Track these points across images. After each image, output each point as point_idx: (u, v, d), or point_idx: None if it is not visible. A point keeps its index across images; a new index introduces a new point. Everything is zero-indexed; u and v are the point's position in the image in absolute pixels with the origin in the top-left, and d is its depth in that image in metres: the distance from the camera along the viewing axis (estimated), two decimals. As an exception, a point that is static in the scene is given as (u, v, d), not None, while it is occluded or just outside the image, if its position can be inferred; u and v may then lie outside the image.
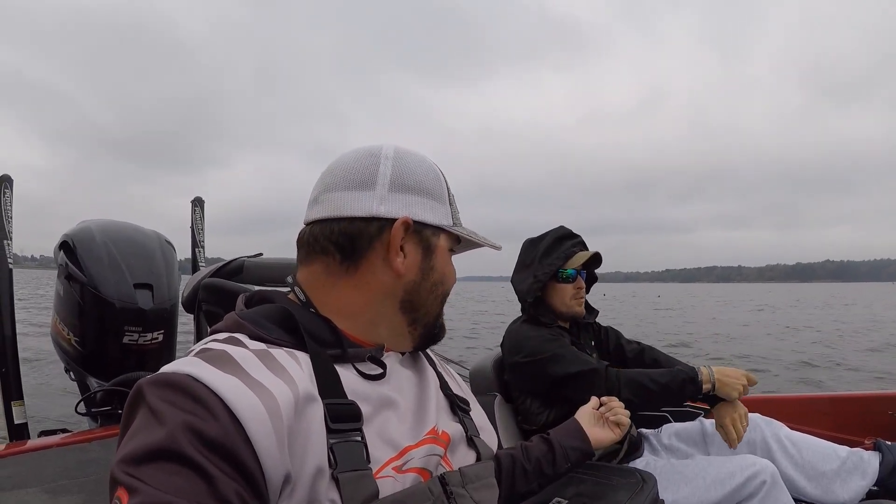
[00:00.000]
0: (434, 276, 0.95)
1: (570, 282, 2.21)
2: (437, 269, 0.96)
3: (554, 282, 2.21)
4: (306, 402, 0.75)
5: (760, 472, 1.78)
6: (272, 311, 0.88)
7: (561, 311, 2.23)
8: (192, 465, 0.63)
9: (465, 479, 0.89)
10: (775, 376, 9.04)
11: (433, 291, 0.96)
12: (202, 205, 3.49)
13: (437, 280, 0.96)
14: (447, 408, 1.02)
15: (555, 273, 2.20)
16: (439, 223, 0.95)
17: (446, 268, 0.98)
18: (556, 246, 2.23)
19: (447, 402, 1.03)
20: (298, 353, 0.82)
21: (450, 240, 0.98)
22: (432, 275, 0.95)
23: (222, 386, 0.68)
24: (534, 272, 2.23)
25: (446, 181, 1.00)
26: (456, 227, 0.98)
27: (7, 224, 2.71)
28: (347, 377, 0.83)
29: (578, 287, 2.23)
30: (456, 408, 1.03)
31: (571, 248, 2.23)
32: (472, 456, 0.99)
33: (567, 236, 2.26)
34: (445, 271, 0.97)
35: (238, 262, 1.61)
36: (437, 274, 0.96)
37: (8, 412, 2.52)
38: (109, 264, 2.44)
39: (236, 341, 0.79)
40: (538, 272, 2.21)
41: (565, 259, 2.20)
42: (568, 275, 2.21)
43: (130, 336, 2.42)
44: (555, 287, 2.22)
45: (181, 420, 0.65)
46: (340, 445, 0.74)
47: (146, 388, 0.70)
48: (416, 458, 0.83)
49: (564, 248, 2.22)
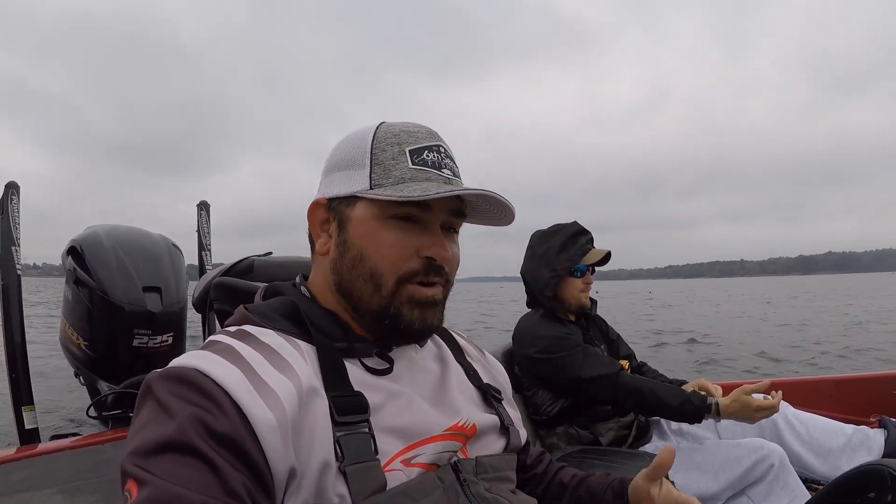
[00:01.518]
0: (351, 252, 0.86)
1: (581, 276, 2.28)
2: (354, 244, 0.85)
3: (567, 276, 2.26)
4: (310, 396, 0.75)
5: (769, 456, 1.81)
6: (281, 303, 0.89)
7: (570, 303, 2.29)
8: (201, 457, 0.63)
9: (480, 469, 0.87)
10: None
11: (354, 269, 0.85)
12: (208, 209, 3.50)
13: (355, 255, 0.85)
14: (480, 399, 1.00)
15: (571, 268, 2.26)
16: (350, 191, 0.86)
17: (366, 240, 0.85)
18: (572, 242, 2.29)
19: (479, 393, 1.00)
20: (305, 345, 0.82)
21: (376, 206, 0.84)
22: (349, 251, 0.86)
23: (230, 381, 0.69)
24: (552, 266, 2.27)
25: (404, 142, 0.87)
26: (373, 191, 0.84)
27: (15, 230, 2.72)
28: (354, 371, 0.82)
29: (587, 282, 2.31)
30: (490, 397, 1.00)
31: (586, 245, 2.30)
32: (501, 444, 0.96)
33: (581, 232, 2.32)
34: (365, 245, 0.85)
35: (248, 262, 1.61)
36: (354, 249, 0.85)
37: (19, 417, 2.52)
38: (118, 268, 2.45)
39: (244, 335, 0.79)
40: (557, 266, 2.26)
41: (581, 255, 2.27)
42: (581, 270, 2.27)
43: (140, 339, 2.43)
44: (567, 280, 2.27)
45: (190, 413, 0.66)
46: (347, 438, 0.74)
47: (155, 382, 0.71)
48: (426, 454, 0.81)
49: (580, 245, 2.29)
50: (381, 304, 0.85)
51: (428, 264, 0.85)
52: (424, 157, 0.86)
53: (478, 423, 0.91)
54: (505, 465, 0.94)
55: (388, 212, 0.84)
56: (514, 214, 0.91)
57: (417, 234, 0.85)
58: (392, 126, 0.89)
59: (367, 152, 0.87)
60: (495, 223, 0.95)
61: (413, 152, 0.86)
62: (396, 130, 0.88)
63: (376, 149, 0.86)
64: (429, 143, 0.88)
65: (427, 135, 0.89)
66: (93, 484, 1.65)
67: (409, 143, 0.86)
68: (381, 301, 0.85)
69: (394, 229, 0.84)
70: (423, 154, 0.86)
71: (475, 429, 0.90)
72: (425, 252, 0.85)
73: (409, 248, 0.85)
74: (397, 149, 0.86)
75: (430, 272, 0.85)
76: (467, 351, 1.09)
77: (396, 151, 0.86)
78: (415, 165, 0.85)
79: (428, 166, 0.86)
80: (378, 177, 0.85)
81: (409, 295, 0.85)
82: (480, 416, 0.93)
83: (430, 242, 0.85)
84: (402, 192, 0.81)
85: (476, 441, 0.91)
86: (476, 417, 0.92)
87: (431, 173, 0.85)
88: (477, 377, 1.03)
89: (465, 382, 1.00)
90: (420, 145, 0.87)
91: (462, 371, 1.01)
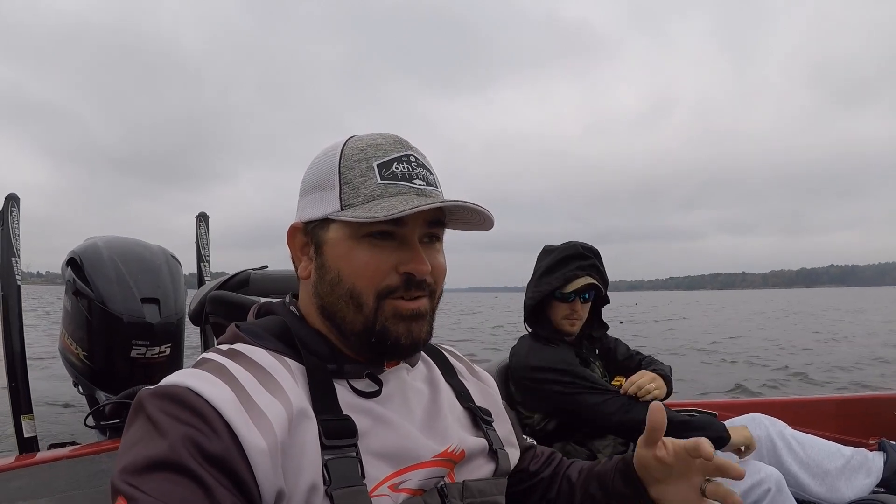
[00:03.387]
0: (329, 275, 0.84)
1: (567, 302, 2.20)
2: (331, 267, 0.84)
3: (552, 298, 2.21)
4: (299, 419, 0.75)
5: (766, 480, 1.79)
6: (272, 323, 0.88)
7: (556, 327, 2.23)
8: (193, 476, 0.63)
9: (466, 493, 0.86)
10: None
11: (334, 291, 0.84)
12: (207, 220, 3.52)
13: (333, 278, 0.84)
14: (469, 421, 0.98)
15: (552, 292, 2.20)
16: (322, 214, 0.85)
17: (342, 262, 0.83)
18: (561, 265, 2.22)
19: (468, 416, 0.99)
20: (295, 365, 0.82)
21: (348, 227, 0.83)
22: (327, 273, 0.85)
23: (222, 402, 0.69)
24: (534, 286, 2.25)
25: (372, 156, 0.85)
26: (344, 212, 0.82)
27: (14, 241, 2.74)
28: (343, 394, 0.82)
29: (574, 309, 2.21)
30: (479, 420, 0.99)
31: (574, 272, 2.20)
32: (490, 468, 0.95)
33: (576, 256, 2.23)
34: (341, 266, 0.83)
35: (244, 275, 1.64)
36: (332, 272, 0.84)
37: (18, 426, 2.54)
38: (117, 280, 2.47)
39: (236, 354, 0.79)
40: (536, 289, 2.23)
41: (564, 282, 2.18)
42: (564, 296, 2.19)
43: (138, 350, 2.45)
44: (552, 304, 2.22)
45: (182, 433, 0.66)
46: (335, 462, 0.74)
47: (147, 399, 0.71)
48: (414, 480, 0.80)
49: (568, 270, 2.20)
50: (366, 323, 0.83)
51: (407, 280, 0.83)
52: (393, 171, 0.84)
53: (466, 448, 0.90)
54: (493, 489, 0.92)
55: (360, 231, 0.82)
56: (492, 220, 0.88)
57: (394, 249, 0.83)
58: (359, 140, 0.87)
59: (335, 171, 0.85)
60: (476, 229, 0.93)
61: (381, 166, 0.84)
62: (363, 145, 0.86)
63: (344, 167, 0.85)
64: (397, 154, 0.85)
65: (396, 145, 0.87)
66: (89, 494, 1.66)
67: (377, 157, 0.84)
68: (364, 320, 0.83)
69: (368, 248, 0.82)
70: (391, 167, 0.84)
71: (464, 454, 0.89)
72: (403, 268, 0.83)
73: (386, 264, 0.83)
74: (365, 164, 0.84)
75: (410, 287, 0.83)
76: (458, 370, 1.07)
77: (364, 168, 0.84)
78: (384, 180, 0.83)
79: (398, 179, 0.83)
80: (348, 196, 0.83)
81: (392, 310, 0.83)
82: (469, 440, 0.92)
83: (408, 258, 0.83)
84: (370, 212, 0.79)
85: (464, 465, 0.90)
86: (465, 442, 0.91)
87: (402, 186, 0.83)
88: (467, 397, 1.01)
89: (455, 404, 0.98)
90: (388, 158, 0.85)
91: (452, 392, 1.00)
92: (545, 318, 2.26)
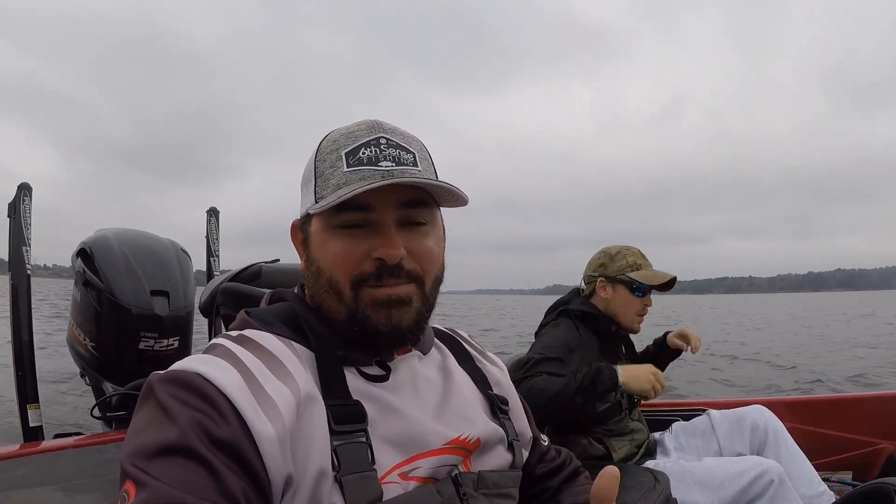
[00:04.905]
0: (313, 266, 0.87)
1: (640, 296, 2.25)
2: (314, 258, 0.87)
3: (627, 291, 2.24)
4: (308, 404, 0.75)
5: (768, 472, 1.81)
6: (282, 309, 0.89)
7: (623, 322, 2.27)
8: (201, 461, 0.64)
9: (481, 483, 0.86)
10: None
11: (318, 282, 0.86)
12: (217, 215, 3.53)
13: (315, 270, 0.87)
14: (487, 408, 0.98)
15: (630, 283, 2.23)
16: (304, 210, 0.88)
17: (320, 253, 0.85)
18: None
19: (487, 402, 0.99)
20: (304, 351, 0.82)
21: (322, 219, 0.85)
22: (311, 266, 0.88)
23: (231, 387, 0.70)
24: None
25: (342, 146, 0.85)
26: (317, 204, 0.82)
27: (26, 231, 2.75)
28: (352, 379, 0.82)
29: (646, 304, 2.27)
30: (496, 408, 0.98)
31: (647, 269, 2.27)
32: (508, 459, 0.94)
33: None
34: (319, 257, 0.86)
35: (256, 268, 1.63)
36: (314, 263, 0.87)
37: (23, 415, 2.55)
38: (126, 271, 2.47)
39: (245, 339, 0.80)
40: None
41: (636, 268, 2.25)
42: (639, 288, 2.23)
43: (146, 342, 2.46)
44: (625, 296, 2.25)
45: (191, 418, 0.66)
46: (344, 447, 0.74)
47: (157, 384, 0.71)
48: (424, 467, 0.80)
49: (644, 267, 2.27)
50: (348, 312, 0.84)
51: (380, 266, 0.82)
52: (360, 156, 0.83)
53: (482, 436, 0.89)
54: (508, 481, 0.92)
55: (332, 222, 0.83)
56: (462, 196, 0.86)
57: (367, 237, 0.83)
58: (335, 132, 0.89)
59: (311, 166, 0.88)
60: (452, 205, 0.91)
61: (349, 154, 0.84)
62: (337, 135, 0.87)
63: (318, 161, 0.87)
64: (366, 139, 0.85)
65: (366, 130, 0.86)
66: (94, 483, 1.66)
67: (346, 146, 0.85)
68: (346, 309, 0.84)
69: (340, 237, 0.83)
70: (358, 153, 0.84)
71: (479, 442, 0.88)
72: (375, 253, 0.82)
73: (358, 252, 0.83)
74: (335, 155, 0.85)
75: (381, 274, 0.83)
76: (475, 356, 1.06)
77: (334, 158, 0.85)
78: (349, 167, 0.83)
79: (364, 164, 0.83)
80: (321, 189, 0.84)
81: (368, 298, 0.83)
82: (486, 427, 0.91)
83: (379, 243, 0.82)
84: (327, 201, 0.80)
85: (480, 453, 0.89)
86: (481, 428, 0.90)
87: (366, 171, 0.82)
88: (485, 384, 1.01)
89: (473, 388, 0.98)
90: (356, 144, 0.84)
91: (468, 378, 0.99)
92: (589, 301, 2.30)
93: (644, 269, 2.27)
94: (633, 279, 2.24)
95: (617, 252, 2.31)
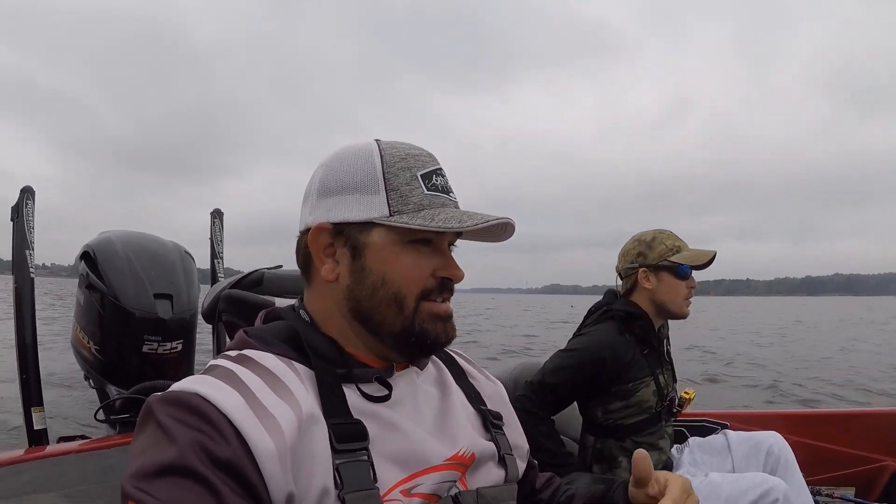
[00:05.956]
0: (371, 278, 0.86)
1: (686, 278, 2.10)
2: (373, 270, 0.86)
3: (672, 276, 2.09)
4: (310, 423, 0.75)
5: (772, 490, 1.78)
6: (281, 328, 0.89)
7: (672, 309, 2.12)
8: (202, 480, 0.64)
9: (481, 500, 0.87)
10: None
11: (376, 295, 0.85)
12: (221, 217, 3.54)
13: (375, 282, 0.85)
14: (479, 423, 0.99)
15: (674, 267, 2.08)
16: (367, 217, 0.85)
17: (387, 265, 0.85)
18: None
19: (479, 418, 1.00)
20: (304, 370, 0.82)
21: (395, 232, 0.85)
22: (368, 276, 0.86)
23: (231, 407, 0.70)
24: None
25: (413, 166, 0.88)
26: (394, 218, 0.84)
27: (29, 234, 2.75)
28: (352, 398, 0.82)
29: (691, 286, 2.12)
30: (489, 424, 0.99)
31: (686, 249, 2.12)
32: (501, 475, 0.95)
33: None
34: (386, 270, 0.85)
35: (258, 274, 1.63)
36: (374, 275, 0.85)
37: (28, 418, 2.55)
38: (130, 274, 2.48)
39: (244, 359, 0.80)
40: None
41: (676, 251, 2.10)
42: (685, 271, 2.08)
43: (150, 345, 2.46)
44: (670, 282, 2.10)
45: (191, 438, 0.67)
46: (346, 466, 0.74)
47: (156, 406, 0.71)
48: (426, 484, 0.81)
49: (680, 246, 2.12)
50: (405, 324, 0.86)
51: (443, 283, 0.89)
52: (435, 182, 0.88)
53: (476, 452, 0.91)
54: (506, 495, 0.93)
55: (407, 237, 0.86)
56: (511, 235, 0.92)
57: (431, 255, 0.88)
58: (395, 148, 0.89)
59: (378, 176, 0.86)
60: (492, 240, 0.96)
61: (424, 177, 0.88)
62: (402, 153, 0.88)
63: (388, 173, 0.86)
64: (433, 168, 0.90)
65: (429, 158, 0.91)
66: (98, 489, 1.66)
67: (418, 168, 0.88)
68: (404, 321, 0.86)
69: (412, 253, 0.86)
70: (432, 179, 0.88)
71: (474, 457, 0.90)
72: (441, 273, 0.88)
73: (426, 269, 0.87)
74: (409, 174, 0.87)
75: (444, 290, 0.89)
76: (468, 372, 1.08)
77: (409, 177, 0.87)
78: (429, 191, 0.87)
79: (439, 191, 0.88)
80: (396, 203, 0.85)
81: (427, 312, 0.87)
82: (479, 444, 0.93)
83: (444, 264, 0.89)
84: (430, 221, 0.83)
85: (474, 470, 0.91)
86: (475, 445, 0.91)
87: (444, 198, 0.89)
88: (478, 400, 1.02)
89: (466, 405, 0.99)
90: (428, 170, 0.89)
91: (462, 394, 1.00)
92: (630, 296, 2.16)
93: (684, 249, 2.12)
94: (676, 262, 2.08)
95: (653, 238, 2.15)
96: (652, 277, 2.11)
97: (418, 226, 0.83)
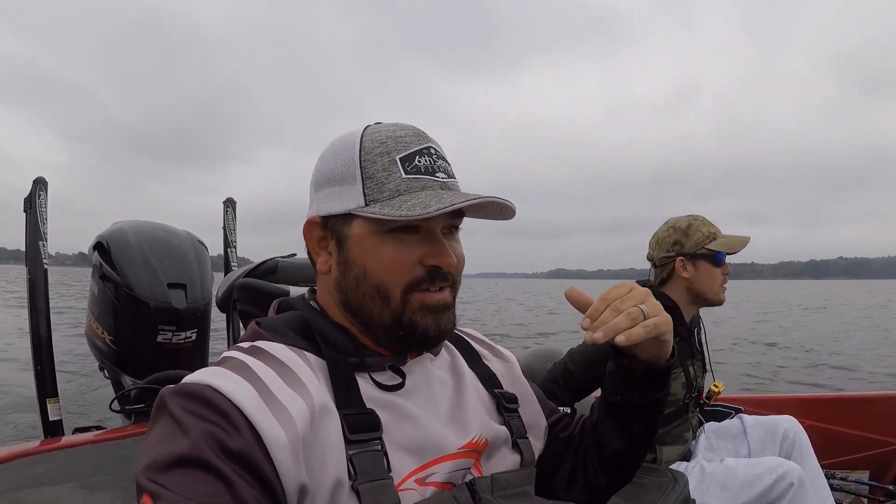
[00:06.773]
0: (354, 271, 0.84)
1: (722, 265, 2.08)
2: (356, 262, 0.84)
3: (709, 264, 2.08)
4: (322, 414, 0.75)
5: (788, 474, 1.79)
6: (292, 318, 0.88)
7: (710, 297, 2.09)
8: (215, 472, 0.64)
9: (496, 486, 0.86)
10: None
11: (360, 287, 0.84)
12: (234, 206, 3.55)
13: (357, 274, 0.84)
14: (493, 408, 0.98)
15: (711, 255, 2.07)
16: (345, 209, 0.84)
17: (367, 257, 0.83)
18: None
19: (493, 402, 0.99)
20: (316, 360, 0.82)
21: (373, 222, 0.83)
22: (351, 269, 0.84)
23: (243, 398, 0.70)
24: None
25: (393, 150, 0.84)
26: (367, 208, 0.82)
27: (42, 225, 2.75)
28: (365, 387, 0.82)
29: (726, 273, 2.10)
30: (502, 408, 0.99)
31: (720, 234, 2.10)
32: (516, 459, 0.95)
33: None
34: (367, 261, 0.83)
35: (272, 263, 1.62)
36: (357, 267, 0.84)
37: (43, 409, 2.56)
38: (143, 264, 2.48)
39: (257, 350, 0.79)
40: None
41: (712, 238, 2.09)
42: (721, 259, 2.07)
43: (164, 335, 2.46)
44: (708, 270, 2.08)
45: (203, 430, 0.67)
46: (360, 456, 0.74)
47: (169, 398, 0.72)
48: (440, 473, 0.81)
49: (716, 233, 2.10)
50: (393, 317, 0.84)
51: (433, 272, 0.84)
52: (416, 164, 0.84)
53: (490, 437, 0.91)
54: (522, 480, 0.92)
55: (386, 226, 0.82)
56: (514, 211, 0.87)
57: (419, 243, 0.84)
58: (377, 132, 0.86)
59: (356, 165, 0.84)
60: (496, 218, 0.92)
61: (404, 160, 0.83)
62: (383, 137, 0.85)
63: (365, 160, 0.84)
64: (418, 147, 0.85)
65: (415, 137, 0.86)
66: (114, 479, 1.66)
67: (399, 150, 0.84)
68: (392, 314, 0.84)
69: (394, 243, 0.83)
70: (414, 160, 0.84)
71: (487, 443, 0.90)
72: (429, 261, 0.84)
73: (412, 258, 0.83)
74: (387, 158, 0.83)
75: (435, 280, 0.85)
76: (482, 354, 1.07)
77: (387, 161, 0.83)
78: (408, 175, 0.83)
79: (421, 173, 0.84)
80: (372, 192, 0.82)
81: (418, 303, 0.84)
82: (493, 429, 0.92)
83: (434, 251, 0.84)
84: (400, 210, 0.79)
85: (489, 455, 0.90)
86: (488, 430, 0.91)
87: (426, 180, 0.83)
88: (493, 382, 1.01)
89: (481, 389, 0.98)
90: (410, 151, 0.84)
91: (476, 379, 1.00)
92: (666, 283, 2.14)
93: (719, 236, 2.09)
94: (714, 250, 2.06)
95: (688, 225, 2.12)
96: (689, 266, 2.08)
97: (385, 216, 0.79)
